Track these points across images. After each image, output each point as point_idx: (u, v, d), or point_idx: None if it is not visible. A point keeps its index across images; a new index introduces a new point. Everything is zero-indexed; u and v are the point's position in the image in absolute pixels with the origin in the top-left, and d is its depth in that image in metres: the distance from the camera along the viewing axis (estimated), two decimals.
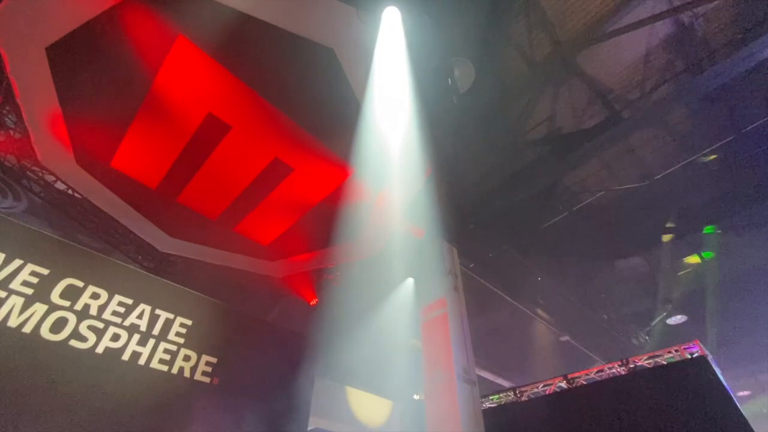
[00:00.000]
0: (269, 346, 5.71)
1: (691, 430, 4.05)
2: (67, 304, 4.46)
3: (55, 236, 4.85)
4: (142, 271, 5.30)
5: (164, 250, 5.66)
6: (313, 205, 5.40)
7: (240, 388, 5.20)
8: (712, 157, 6.49)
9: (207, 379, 5.01)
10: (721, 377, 4.42)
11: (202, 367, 5.04)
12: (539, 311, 8.54)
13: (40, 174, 5.49)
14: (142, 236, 5.66)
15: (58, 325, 4.31)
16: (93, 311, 4.58)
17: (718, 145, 6.53)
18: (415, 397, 7.15)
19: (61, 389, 4.03)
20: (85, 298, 4.60)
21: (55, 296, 4.42)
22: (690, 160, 6.82)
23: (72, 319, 4.42)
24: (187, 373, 4.90)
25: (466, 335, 6.49)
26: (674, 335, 8.94)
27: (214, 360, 5.18)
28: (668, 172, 7.10)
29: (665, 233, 8.09)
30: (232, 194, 5.33)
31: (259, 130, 4.66)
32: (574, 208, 7.70)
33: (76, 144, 4.87)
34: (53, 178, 5.51)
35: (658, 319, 9.36)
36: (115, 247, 5.69)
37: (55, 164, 5.04)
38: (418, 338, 6.83)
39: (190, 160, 4.99)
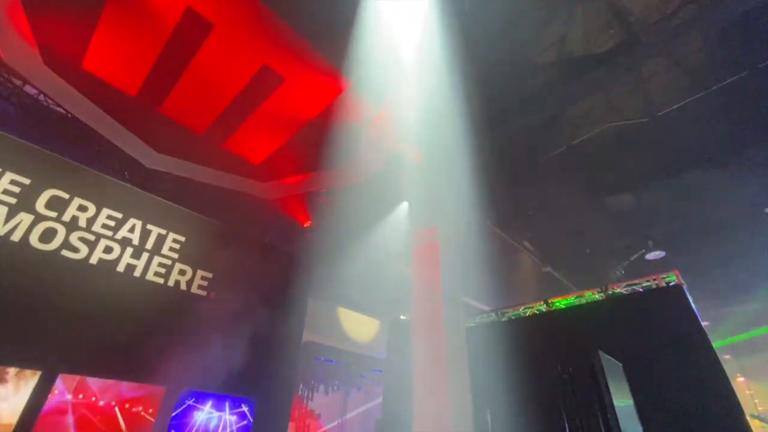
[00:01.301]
0: (264, 265, 5.82)
1: (662, 353, 4.39)
2: (53, 215, 4.36)
3: (35, 146, 4.58)
4: (129, 185, 5.13)
5: (151, 166, 5.44)
6: (306, 122, 5.11)
7: (236, 302, 5.38)
8: None
9: (203, 293, 5.16)
10: (693, 307, 4.71)
11: (197, 281, 5.15)
12: (526, 243, 8.80)
13: (6, 76, 5.02)
14: (125, 150, 5.39)
15: (48, 236, 4.24)
16: (82, 223, 4.50)
17: (729, 80, 6.26)
18: (402, 317, 7.58)
19: (56, 297, 4.09)
20: (72, 210, 4.49)
21: (40, 206, 4.30)
22: (699, 96, 6.58)
23: (61, 230, 4.35)
24: (183, 286, 5.01)
25: (456, 262, 6.72)
26: (651, 271, 9.43)
27: (209, 275, 5.28)
28: (674, 108, 6.87)
29: (660, 171, 8.10)
30: (219, 106, 4.99)
31: (245, 30, 4.18)
32: (574, 142, 7.55)
33: (41, 40, 4.36)
34: (22, 82, 5.05)
35: (637, 254, 9.78)
36: (99, 161, 5.44)
37: (21, 64, 4.56)
38: (408, 264, 7.06)
39: (171, 64, 4.55)
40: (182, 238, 5.18)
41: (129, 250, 4.71)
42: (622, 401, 3.47)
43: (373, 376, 9.25)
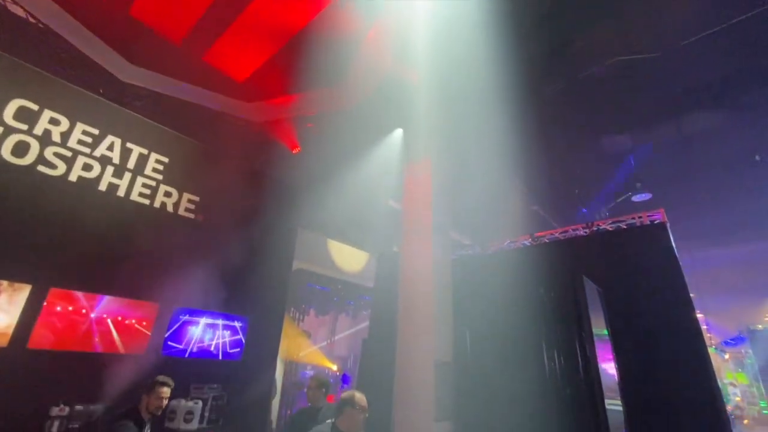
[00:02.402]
0: (252, 190, 5.73)
1: (638, 284, 4.59)
2: (24, 127, 4.08)
3: None
4: (105, 100, 4.78)
5: (126, 80, 5.03)
6: (292, 34, 4.66)
7: (225, 226, 5.36)
8: None
9: (191, 215, 5.10)
10: (673, 244, 4.84)
11: (184, 204, 5.07)
12: (517, 181, 8.79)
13: None
14: (95, 59, 4.93)
15: (20, 149, 4.01)
16: (56, 138, 4.24)
17: (755, 11, 5.84)
18: (395, 249, 7.74)
19: (37, 212, 3.98)
20: (43, 123, 4.20)
21: (8, 117, 4.00)
22: (715, 30, 6.17)
23: (34, 144, 4.11)
24: (170, 209, 4.93)
25: (446, 196, 6.71)
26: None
27: (196, 198, 5.18)
28: (686, 43, 6.47)
29: (660, 112, 7.90)
30: (197, 10, 4.48)
31: None
32: (579, 76, 7.19)
33: None
34: None
35: (624, 196, 9.93)
36: (68, 71, 4.99)
37: None
38: (398, 200, 7.05)
39: None
40: (165, 159, 4.97)
41: (110, 169, 4.52)
42: (599, 330, 3.71)
43: (360, 302, 9.72)
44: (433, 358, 5.22)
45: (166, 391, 3.16)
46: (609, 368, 3.95)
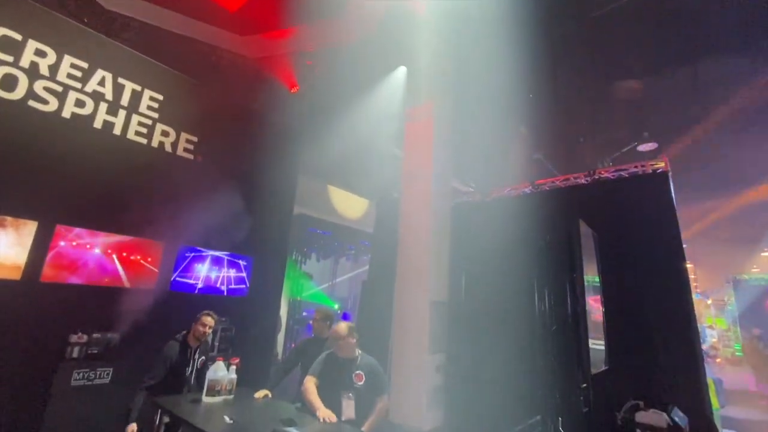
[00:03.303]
0: (251, 132, 5.61)
1: (633, 237, 4.66)
2: (9, 59, 3.89)
3: None
4: (92, 31, 4.51)
5: (110, 8, 4.70)
6: None
7: (226, 168, 5.33)
8: None
9: (190, 156, 5.05)
10: (673, 194, 4.84)
11: (182, 144, 4.99)
12: (522, 128, 8.59)
13: None
14: None
15: (9, 83, 3.86)
16: (43, 71, 4.07)
17: None
18: (395, 195, 7.75)
19: (31, 150, 3.93)
20: (29, 55, 4.00)
21: None
22: None
23: (22, 77, 3.94)
24: (168, 148, 4.87)
25: (448, 142, 6.60)
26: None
27: (194, 139, 5.10)
28: None
29: (677, 56, 7.49)
30: None
31: None
32: (592, 15, 6.72)
33: None
34: None
35: (629, 146, 9.76)
36: None
37: None
38: (399, 146, 6.92)
39: None
40: (160, 97, 4.81)
41: (103, 106, 4.39)
42: (592, 278, 3.84)
43: (360, 247, 9.97)
44: (429, 299, 5.48)
45: (208, 320, 3.46)
46: (597, 313, 4.16)
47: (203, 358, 3.47)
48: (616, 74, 8.16)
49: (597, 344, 3.80)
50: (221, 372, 2.97)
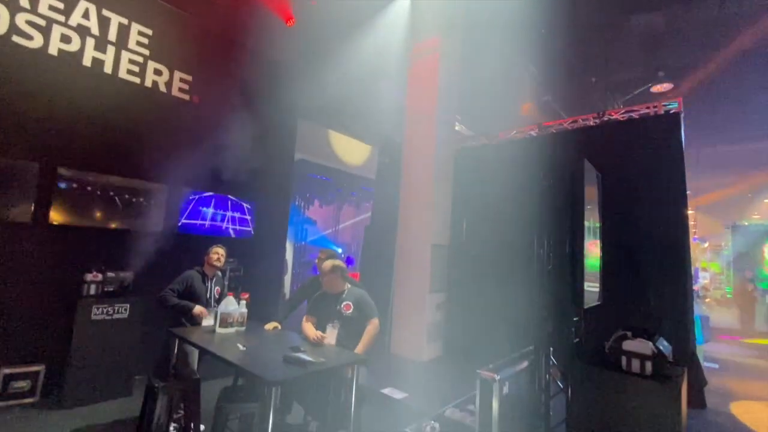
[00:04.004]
0: (248, 71, 5.37)
1: (638, 180, 4.61)
2: None
3: None
4: None
5: None
6: None
7: (223, 110, 5.18)
8: None
9: (186, 97, 4.89)
10: (683, 137, 4.70)
11: (177, 83, 4.81)
12: (531, 66, 8.16)
13: None
14: None
15: None
16: (24, 2, 3.81)
17: None
18: (397, 139, 7.60)
19: (20, 88, 3.80)
20: None
21: None
22: None
23: (2, 9, 3.70)
24: (162, 88, 4.70)
25: (454, 81, 6.31)
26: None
27: (188, 78, 4.90)
28: None
29: None
30: None
31: None
32: None
33: None
34: None
35: (643, 87, 9.33)
36: None
37: None
38: (402, 88, 6.63)
39: None
40: (149, 31, 4.55)
41: (90, 41, 4.17)
42: (592, 222, 3.85)
43: (363, 193, 9.99)
44: (431, 243, 5.60)
45: (219, 250, 3.71)
46: (594, 257, 4.24)
47: (218, 287, 3.68)
48: (636, 6, 7.56)
49: (592, 287, 3.93)
50: (232, 306, 3.13)
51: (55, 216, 4.01)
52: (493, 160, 5.90)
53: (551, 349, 3.15)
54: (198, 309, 3.33)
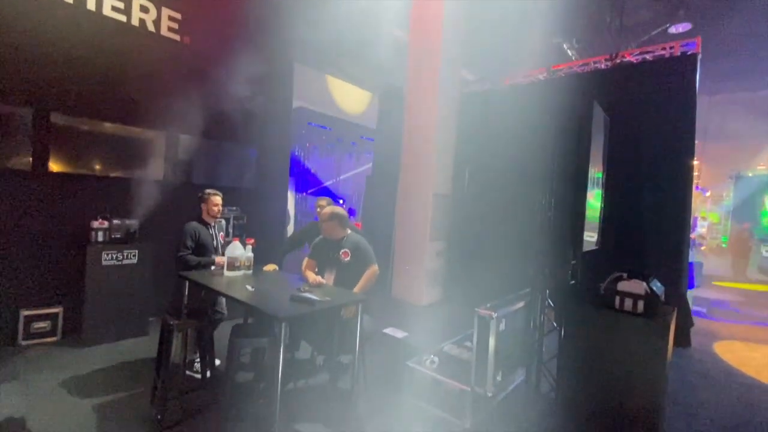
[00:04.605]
0: (240, 9, 5.03)
1: (647, 125, 4.47)
2: None
3: None
4: None
5: None
6: None
7: (216, 52, 4.93)
8: None
9: (176, 37, 4.63)
10: (697, 83, 4.50)
11: (166, 22, 4.53)
12: (540, 4, 7.60)
13: None
14: None
15: None
16: None
17: None
18: (399, 85, 7.30)
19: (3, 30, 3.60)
20: None
21: None
22: None
23: None
24: (150, 27, 4.43)
25: (459, 22, 5.93)
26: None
27: (177, 16, 4.60)
28: None
29: None
30: None
31: None
32: None
33: None
34: None
35: (660, 28, 8.77)
36: None
37: None
38: (404, 28, 6.23)
39: None
40: None
41: None
42: (597, 172, 3.79)
43: (363, 143, 9.81)
44: (433, 192, 5.59)
45: (218, 200, 3.60)
46: (595, 208, 4.24)
47: (222, 233, 3.74)
48: None
49: (590, 236, 3.98)
50: (238, 250, 3.21)
51: (54, 164, 3.99)
52: (498, 106, 5.72)
53: (547, 291, 3.26)
54: (219, 260, 3.38)
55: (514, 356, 3.11)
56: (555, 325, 3.30)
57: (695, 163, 13.00)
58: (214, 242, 3.59)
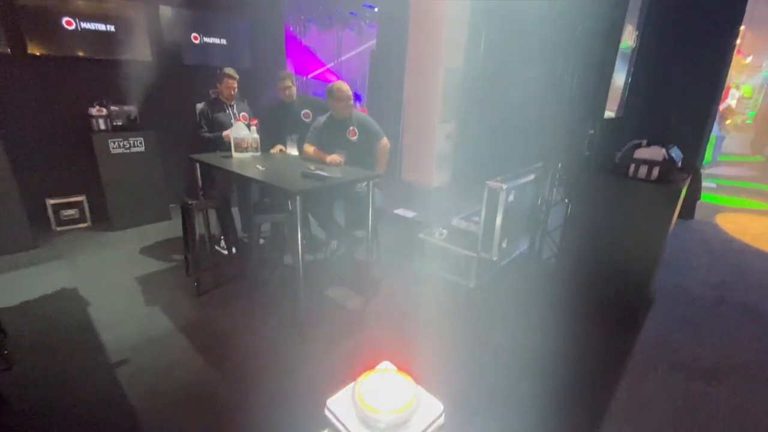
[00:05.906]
0: None
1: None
2: None
3: None
4: None
5: None
6: None
7: None
8: None
9: None
10: None
11: None
12: None
13: None
14: None
15: None
16: None
17: None
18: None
19: None
20: None
21: None
22: None
23: None
24: None
25: None
26: None
27: None
28: None
29: None
30: None
31: None
32: None
33: None
34: None
35: None
36: None
37: None
38: None
39: None
40: None
41: None
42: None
43: (364, 13, 8.73)
44: (443, 66, 5.15)
45: (230, 82, 3.48)
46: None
47: (244, 113, 3.64)
48: None
49: (609, 111, 3.74)
50: (243, 131, 3.13)
51: (33, 46, 3.68)
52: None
53: (560, 164, 3.21)
54: (226, 133, 3.36)
55: (520, 226, 3.24)
56: (563, 198, 3.33)
57: (741, 28, 11.48)
58: (233, 122, 3.48)
